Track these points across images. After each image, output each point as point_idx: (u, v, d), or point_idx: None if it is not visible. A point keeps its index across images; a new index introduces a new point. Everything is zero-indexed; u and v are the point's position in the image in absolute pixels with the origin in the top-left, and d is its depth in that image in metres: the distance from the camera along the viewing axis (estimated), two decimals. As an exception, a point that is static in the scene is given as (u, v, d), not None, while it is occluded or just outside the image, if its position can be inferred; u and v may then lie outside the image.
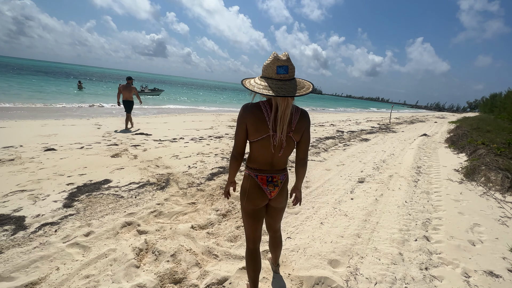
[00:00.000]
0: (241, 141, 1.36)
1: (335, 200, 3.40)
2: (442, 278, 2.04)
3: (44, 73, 46.41)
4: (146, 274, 1.84)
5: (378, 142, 8.28)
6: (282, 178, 1.44)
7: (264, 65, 1.24)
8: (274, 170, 1.40)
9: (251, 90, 1.23)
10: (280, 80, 1.21)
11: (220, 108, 20.68)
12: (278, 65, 1.19)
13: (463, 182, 4.37)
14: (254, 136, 1.31)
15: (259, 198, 1.42)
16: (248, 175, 1.43)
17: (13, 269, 1.80)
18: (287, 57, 1.21)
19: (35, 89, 19.51)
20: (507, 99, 18.24)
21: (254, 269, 1.56)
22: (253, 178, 1.41)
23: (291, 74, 1.22)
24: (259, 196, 1.42)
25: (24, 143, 4.89)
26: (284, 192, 1.50)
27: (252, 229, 1.52)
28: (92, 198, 2.93)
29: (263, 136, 1.29)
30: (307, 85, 1.27)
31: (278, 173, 1.42)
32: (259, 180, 1.40)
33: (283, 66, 1.19)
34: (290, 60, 1.21)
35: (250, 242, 1.56)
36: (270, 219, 1.60)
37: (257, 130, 1.28)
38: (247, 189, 1.43)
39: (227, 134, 7.65)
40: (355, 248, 2.34)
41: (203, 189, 3.40)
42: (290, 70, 1.21)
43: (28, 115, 8.81)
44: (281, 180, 1.43)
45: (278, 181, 1.42)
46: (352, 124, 13.50)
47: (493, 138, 7.13)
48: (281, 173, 1.43)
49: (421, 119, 24.02)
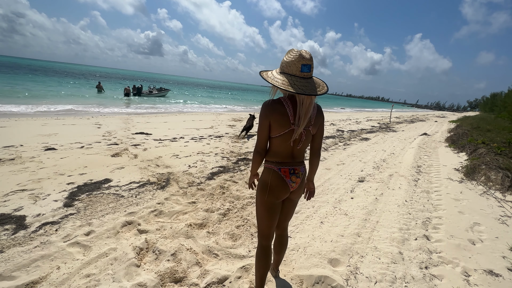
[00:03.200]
0: (264, 138, 1.41)
1: (335, 199, 3.40)
2: (442, 277, 2.04)
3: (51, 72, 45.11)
4: (147, 273, 1.85)
5: (378, 141, 8.28)
6: (303, 170, 1.48)
7: (286, 61, 1.26)
8: (295, 162, 1.45)
9: (277, 86, 1.26)
10: (304, 78, 1.25)
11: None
12: (303, 64, 1.22)
13: (463, 181, 4.37)
14: (277, 132, 1.34)
15: (282, 191, 1.44)
16: (270, 168, 1.44)
17: (14, 268, 1.80)
18: (311, 56, 1.25)
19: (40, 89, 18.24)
20: (507, 98, 18.22)
21: (265, 266, 1.57)
22: (275, 171, 1.42)
23: (312, 72, 1.28)
24: (282, 188, 1.43)
25: (24, 142, 4.89)
26: (303, 184, 1.53)
27: (268, 225, 1.53)
28: (92, 197, 2.93)
29: (285, 131, 1.33)
30: (322, 84, 1.33)
31: (298, 165, 1.46)
32: (282, 172, 1.42)
33: (307, 64, 1.23)
34: (312, 59, 1.26)
35: (264, 238, 1.56)
36: (283, 215, 1.61)
37: (280, 125, 1.32)
38: (268, 182, 1.44)
39: (227, 134, 7.65)
40: (355, 247, 2.35)
41: (203, 189, 3.41)
42: (312, 69, 1.27)
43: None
44: (301, 172, 1.47)
45: (300, 173, 1.46)
46: (352, 123, 13.50)
47: (493, 137, 7.13)
48: (301, 165, 1.47)
49: (421, 118, 24.01)
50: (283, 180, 1.42)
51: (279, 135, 1.35)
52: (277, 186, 1.43)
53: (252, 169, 1.58)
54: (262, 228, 1.55)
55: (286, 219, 1.65)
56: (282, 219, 1.63)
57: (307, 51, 1.26)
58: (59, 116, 9.13)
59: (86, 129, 6.79)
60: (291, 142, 1.36)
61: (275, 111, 1.31)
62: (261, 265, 1.57)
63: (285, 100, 1.33)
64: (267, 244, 1.57)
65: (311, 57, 1.25)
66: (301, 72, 1.23)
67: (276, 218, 1.54)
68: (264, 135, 1.39)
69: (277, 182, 1.42)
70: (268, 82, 1.30)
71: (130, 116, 10.47)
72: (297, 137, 1.35)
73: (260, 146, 1.43)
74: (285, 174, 1.42)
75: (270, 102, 1.33)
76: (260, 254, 1.57)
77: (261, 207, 1.51)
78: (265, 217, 1.51)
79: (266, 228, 1.53)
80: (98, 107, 13.07)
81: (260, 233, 1.57)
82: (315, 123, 1.38)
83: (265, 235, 1.55)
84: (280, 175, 1.42)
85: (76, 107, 12.19)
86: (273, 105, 1.32)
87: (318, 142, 1.49)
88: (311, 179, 1.62)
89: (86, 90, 21.74)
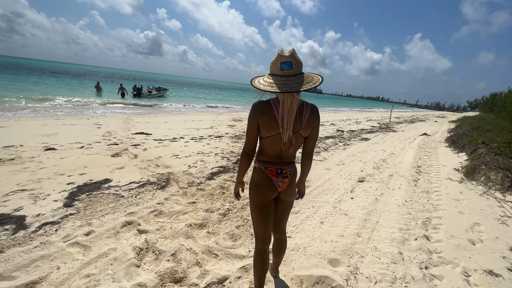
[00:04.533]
0: (253, 139, 1.38)
1: (335, 199, 3.40)
2: (442, 277, 2.04)
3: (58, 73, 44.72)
4: (147, 273, 1.85)
5: (378, 142, 8.28)
6: (291, 170, 1.46)
7: (270, 63, 1.25)
8: (283, 163, 1.43)
9: (257, 87, 1.25)
10: (284, 76, 1.21)
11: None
12: (282, 61, 1.20)
13: (463, 182, 4.37)
14: (265, 133, 1.33)
15: (269, 190, 1.42)
16: (257, 167, 1.44)
17: (14, 268, 1.80)
18: (291, 53, 1.21)
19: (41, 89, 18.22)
20: (507, 98, 18.22)
21: (263, 269, 1.56)
22: (262, 170, 1.42)
23: (296, 69, 1.21)
24: (268, 187, 1.42)
25: (24, 142, 4.89)
26: (293, 185, 1.50)
27: (261, 226, 1.50)
28: (92, 197, 2.93)
29: (273, 133, 1.31)
30: (316, 78, 1.24)
31: (286, 165, 1.44)
32: (268, 171, 1.41)
33: (286, 62, 1.19)
34: (294, 55, 1.21)
35: (260, 242, 1.54)
36: (277, 217, 1.59)
37: (268, 127, 1.30)
38: (255, 181, 1.43)
39: (227, 134, 7.65)
40: (355, 247, 2.35)
41: (203, 189, 3.40)
42: (295, 65, 1.20)
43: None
44: (290, 172, 1.44)
45: (287, 173, 1.43)
46: (352, 123, 13.50)
47: (493, 138, 7.13)
48: (289, 165, 1.45)
49: (421, 118, 24.01)
50: (269, 179, 1.41)
51: (268, 136, 1.33)
52: (264, 185, 1.42)
53: (238, 174, 1.53)
54: (256, 231, 1.54)
55: (282, 222, 1.62)
56: (278, 222, 1.61)
57: (290, 50, 1.22)
58: (59, 116, 9.13)
59: (86, 129, 6.79)
60: (282, 146, 1.33)
61: (262, 113, 1.28)
62: (259, 268, 1.56)
63: (274, 101, 1.30)
64: (264, 248, 1.55)
65: (292, 53, 1.20)
66: (281, 70, 1.21)
67: (269, 220, 1.51)
68: (252, 136, 1.37)
69: (263, 181, 1.41)
70: (254, 87, 1.27)
71: (130, 116, 10.47)
72: (287, 141, 1.31)
73: (248, 147, 1.41)
74: (271, 173, 1.41)
75: (258, 103, 1.30)
76: (257, 257, 1.56)
77: (252, 208, 1.51)
78: (257, 218, 1.50)
79: (261, 230, 1.51)
80: (97, 107, 13.06)
81: (256, 236, 1.56)
82: (307, 125, 1.32)
83: (260, 238, 1.53)
84: (266, 174, 1.41)
85: (75, 107, 12.18)
86: (260, 106, 1.29)
87: (311, 145, 1.44)
88: (302, 182, 1.62)
89: (84, 90, 21.70)
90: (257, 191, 1.44)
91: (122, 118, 9.52)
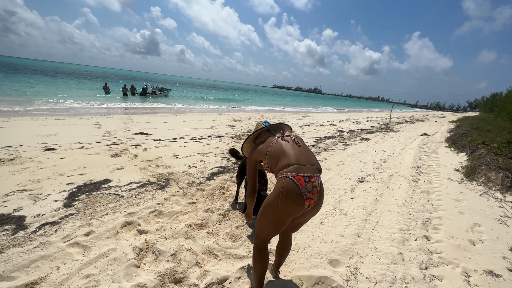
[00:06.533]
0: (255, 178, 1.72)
1: (335, 199, 3.40)
2: (442, 277, 2.04)
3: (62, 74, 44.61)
4: (146, 274, 1.84)
5: (378, 142, 8.28)
6: (318, 179, 1.38)
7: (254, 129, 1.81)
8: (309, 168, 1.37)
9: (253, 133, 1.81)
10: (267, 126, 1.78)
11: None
12: (263, 122, 1.80)
13: (463, 182, 4.37)
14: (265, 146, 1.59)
15: (296, 203, 1.31)
16: (284, 177, 1.35)
17: (14, 269, 1.80)
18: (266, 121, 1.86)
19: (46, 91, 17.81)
20: (507, 98, 18.23)
21: (263, 267, 1.56)
22: (288, 178, 1.33)
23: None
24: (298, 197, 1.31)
25: (24, 142, 4.89)
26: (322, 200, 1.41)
27: (269, 233, 1.47)
28: (92, 197, 2.93)
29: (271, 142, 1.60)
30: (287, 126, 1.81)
31: (314, 172, 1.38)
32: (295, 179, 1.31)
33: (265, 122, 1.79)
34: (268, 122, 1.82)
35: (261, 240, 1.53)
36: (294, 226, 1.56)
37: (266, 145, 1.59)
38: (281, 189, 1.32)
39: (227, 134, 7.65)
40: (355, 248, 2.34)
41: (203, 189, 3.40)
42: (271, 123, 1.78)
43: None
44: (317, 181, 1.36)
45: (316, 182, 1.35)
46: (352, 123, 13.50)
47: (493, 138, 7.13)
48: (316, 173, 1.39)
49: (421, 118, 24.01)
50: (297, 189, 1.31)
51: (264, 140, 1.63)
52: (293, 195, 1.30)
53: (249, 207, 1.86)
54: (264, 235, 1.50)
55: (296, 229, 1.62)
56: (293, 228, 1.58)
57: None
58: (59, 116, 9.13)
59: (86, 129, 6.78)
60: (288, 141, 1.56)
61: (259, 136, 1.79)
62: (259, 266, 1.55)
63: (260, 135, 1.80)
64: (264, 246, 1.54)
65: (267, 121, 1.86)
66: (264, 125, 1.76)
67: (282, 229, 1.45)
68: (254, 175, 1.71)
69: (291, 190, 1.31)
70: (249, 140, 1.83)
71: (130, 116, 10.46)
72: (288, 135, 1.59)
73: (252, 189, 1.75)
74: (299, 181, 1.31)
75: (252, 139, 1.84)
76: (257, 254, 1.54)
77: (266, 221, 1.42)
78: (269, 227, 1.44)
79: (267, 235, 1.49)
80: (97, 107, 13.10)
81: (262, 238, 1.52)
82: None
83: (263, 239, 1.52)
84: (294, 182, 1.31)
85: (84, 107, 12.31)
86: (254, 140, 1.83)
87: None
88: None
89: (93, 91, 21.74)
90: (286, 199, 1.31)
91: (122, 118, 9.52)
